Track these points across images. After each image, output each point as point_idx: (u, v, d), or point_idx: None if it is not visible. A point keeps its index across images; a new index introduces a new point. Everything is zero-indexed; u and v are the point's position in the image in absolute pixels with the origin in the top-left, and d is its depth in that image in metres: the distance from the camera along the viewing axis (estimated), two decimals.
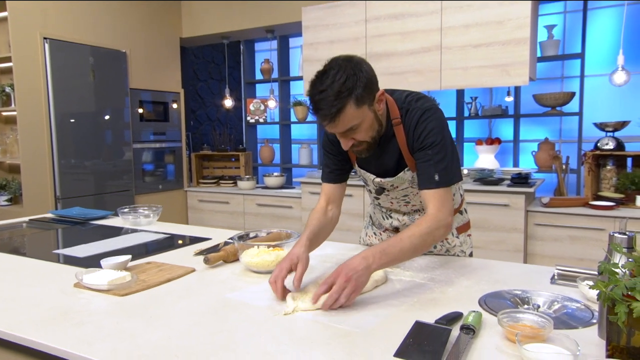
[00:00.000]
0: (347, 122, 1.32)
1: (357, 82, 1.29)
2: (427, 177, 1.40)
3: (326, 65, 1.34)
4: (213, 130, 6.00)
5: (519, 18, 3.20)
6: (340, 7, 3.86)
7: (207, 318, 1.17)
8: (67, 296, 1.33)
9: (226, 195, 4.69)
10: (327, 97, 1.27)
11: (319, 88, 1.29)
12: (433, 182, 1.39)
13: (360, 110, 1.32)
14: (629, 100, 4.10)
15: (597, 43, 4.13)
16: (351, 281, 1.18)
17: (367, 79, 1.32)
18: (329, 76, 1.29)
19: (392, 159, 1.52)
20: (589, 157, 3.31)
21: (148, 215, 2.35)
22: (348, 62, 1.31)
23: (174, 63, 4.95)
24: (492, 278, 1.46)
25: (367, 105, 1.34)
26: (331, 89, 1.27)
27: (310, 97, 1.33)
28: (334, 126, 1.33)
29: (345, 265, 1.22)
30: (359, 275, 1.20)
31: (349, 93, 1.28)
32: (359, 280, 1.20)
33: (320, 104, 1.29)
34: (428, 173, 1.40)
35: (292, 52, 5.55)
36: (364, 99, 1.31)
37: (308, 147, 5.33)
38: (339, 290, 1.18)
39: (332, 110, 1.28)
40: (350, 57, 1.35)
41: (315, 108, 1.31)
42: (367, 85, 1.31)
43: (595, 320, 1.12)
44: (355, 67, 1.31)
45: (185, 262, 1.65)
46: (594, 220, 3.10)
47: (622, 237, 1.02)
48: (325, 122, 1.32)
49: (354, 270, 1.20)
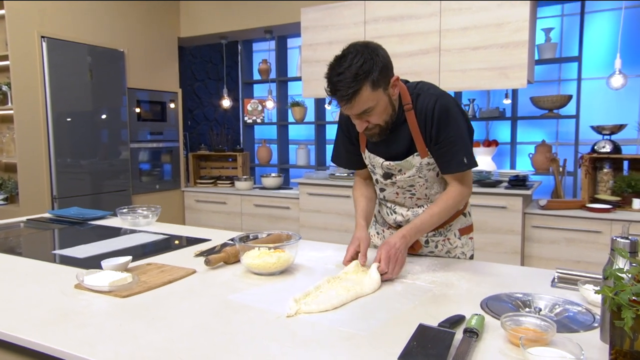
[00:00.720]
0: (362, 104, 1.38)
1: (373, 65, 1.35)
2: (457, 162, 1.51)
3: (344, 50, 1.40)
4: (210, 130, 5.98)
5: (517, 21, 3.22)
6: (338, 8, 3.87)
7: (209, 320, 1.16)
8: (67, 297, 1.32)
9: (223, 196, 4.68)
10: (344, 79, 1.34)
11: (337, 70, 1.36)
12: (463, 165, 1.51)
13: (375, 93, 1.39)
14: (626, 104, 4.12)
15: (594, 46, 4.15)
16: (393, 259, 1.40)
17: (383, 63, 1.38)
18: (347, 59, 1.36)
19: (402, 144, 1.57)
20: (586, 160, 3.33)
21: (147, 215, 2.35)
22: (365, 47, 1.38)
23: (171, 63, 4.93)
24: (492, 281, 1.46)
25: (382, 89, 1.41)
26: (349, 71, 1.34)
27: (328, 79, 1.39)
28: (350, 107, 1.40)
29: (387, 245, 1.43)
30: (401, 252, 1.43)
31: (366, 76, 1.35)
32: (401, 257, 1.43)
33: (338, 85, 1.36)
34: (457, 157, 1.50)
35: (290, 52, 5.55)
36: (379, 83, 1.38)
37: (305, 147, 5.33)
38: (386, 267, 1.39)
39: (349, 91, 1.35)
40: (368, 42, 1.42)
41: (332, 89, 1.38)
42: (383, 69, 1.38)
43: (597, 324, 1.13)
44: (372, 52, 1.37)
45: (185, 264, 1.64)
46: (591, 223, 3.12)
47: (625, 241, 1.02)
48: (342, 103, 1.39)
49: (395, 249, 1.41)
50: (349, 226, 3.87)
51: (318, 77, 4.06)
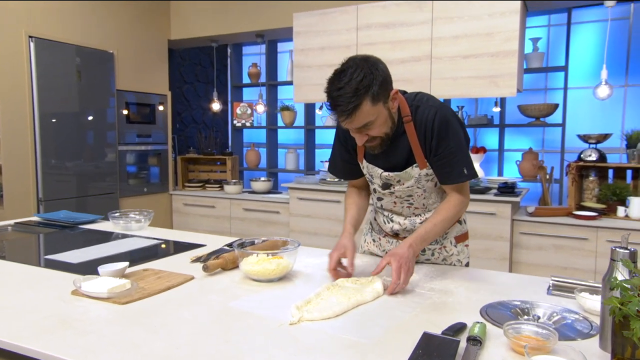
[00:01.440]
0: (363, 118, 1.39)
1: (373, 80, 1.36)
2: (457, 173, 1.53)
3: (344, 64, 1.40)
4: (199, 133, 5.95)
5: (508, 31, 3.27)
6: (331, 14, 3.89)
7: (211, 328, 1.16)
8: (65, 304, 1.30)
9: (212, 199, 4.66)
10: (345, 94, 1.34)
11: (337, 85, 1.36)
12: (463, 175, 1.53)
13: (375, 108, 1.39)
14: (610, 113, 4.22)
15: (579, 56, 4.24)
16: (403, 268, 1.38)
17: (382, 77, 1.39)
18: (346, 74, 1.35)
19: (401, 155, 1.58)
20: (572, 168, 3.39)
21: (139, 220, 2.32)
22: (365, 61, 1.38)
23: (161, 65, 4.90)
24: (490, 288, 1.48)
25: (382, 103, 1.41)
26: (349, 86, 1.34)
27: (328, 94, 1.39)
28: (351, 122, 1.40)
29: (395, 256, 1.40)
30: (410, 261, 1.42)
31: (366, 90, 1.35)
32: (411, 266, 1.42)
33: (338, 100, 1.36)
34: (457, 168, 1.52)
35: (281, 56, 5.55)
36: (379, 97, 1.38)
37: (295, 152, 5.33)
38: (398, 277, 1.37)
39: (349, 107, 1.35)
40: (367, 56, 1.42)
41: (333, 104, 1.38)
42: (382, 83, 1.38)
43: (595, 332, 1.15)
44: (372, 66, 1.38)
45: (182, 269, 1.63)
46: (578, 230, 3.18)
47: (625, 251, 1.04)
48: (343, 118, 1.39)
49: (404, 258, 1.39)
50: (340, 231, 3.87)
51: (310, 82, 4.07)
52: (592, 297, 1.30)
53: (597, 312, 1.26)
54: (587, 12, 4.24)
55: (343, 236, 1.59)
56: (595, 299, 1.28)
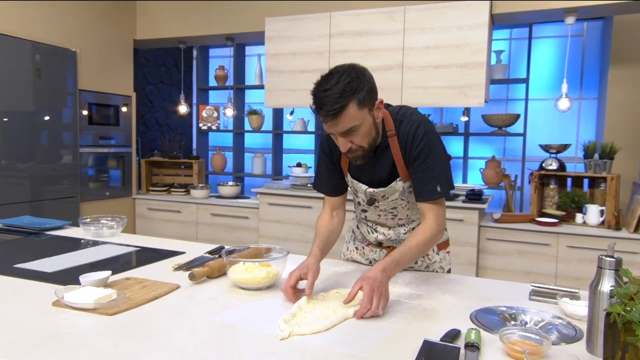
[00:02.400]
0: (348, 121, 1.37)
1: (360, 84, 1.37)
2: (429, 188, 1.49)
3: (331, 69, 1.41)
4: (162, 136, 5.81)
5: (476, 43, 3.38)
6: (304, 20, 3.90)
7: (209, 339, 1.14)
8: (47, 316, 1.24)
9: (178, 204, 4.55)
10: (331, 95, 1.34)
11: (324, 86, 1.36)
12: (436, 192, 1.50)
13: (361, 112, 1.39)
14: (566, 124, 4.44)
15: (537, 69, 4.44)
16: (376, 293, 1.28)
17: (369, 84, 1.41)
18: (334, 77, 1.37)
19: (384, 169, 1.58)
20: (535, 176, 3.54)
21: (111, 226, 2.25)
22: (352, 67, 1.40)
23: (126, 65, 4.75)
24: (474, 294, 1.52)
25: (368, 109, 1.41)
26: (336, 87, 1.34)
27: (314, 95, 1.38)
28: (335, 124, 1.38)
29: (367, 280, 1.30)
30: (384, 285, 1.32)
31: (353, 93, 1.35)
32: (385, 291, 1.32)
33: (325, 100, 1.35)
34: (429, 184, 1.49)
35: (249, 60, 5.51)
36: (365, 102, 1.39)
37: (262, 156, 5.29)
38: (369, 302, 1.27)
39: (335, 107, 1.34)
40: (354, 64, 1.44)
41: (318, 105, 1.37)
42: (369, 90, 1.40)
43: (579, 336, 1.21)
44: (359, 72, 1.40)
45: (165, 278, 1.59)
46: (540, 235, 3.32)
47: (611, 260, 1.10)
48: (328, 119, 1.38)
49: (377, 282, 1.29)
50: (310, 237, 3.87)
51: (281, 87, 4.06)
52: (573, 302, 1.36)
53: (579, 317, 1.32)
54: (546, 27, 4.45)
55: (309, 258, 1.51)
56: (577, 304, 1.35)
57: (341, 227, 1.72)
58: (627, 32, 3.87)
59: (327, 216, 1.70)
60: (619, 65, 3.88)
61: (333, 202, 1.72)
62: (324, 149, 1.68)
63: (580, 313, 1.32)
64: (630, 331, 0.92)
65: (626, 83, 3.87)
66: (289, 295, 1.38)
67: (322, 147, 1.69)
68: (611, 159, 3.37)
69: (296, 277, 1.41)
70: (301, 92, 3.95)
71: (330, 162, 1.68)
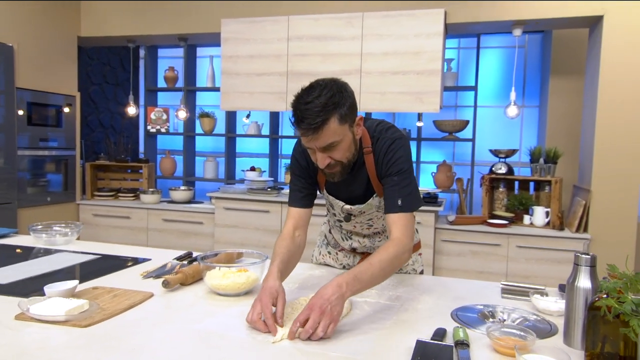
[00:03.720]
0: (329, 136, 1.33)
1: (342, 99, 1.33)
2: (393, 202, 1.45)
3: (312, 82, 1.36)
4: (106, 138, 5.55)
5: (432, 51, 3.49)
6: (262, 22, 3.86)
7: (198, 348, 1.09)
8: (13, 331, 1.14)
9: (127, 210, 4.36)
10: (312, 108, 1.30)
11: (305, 99, 1.31)
12: (397, 207, 1.44)
13: (342, 128, 1.35)
14: (510, 130, 4.68)
15: (483, 77, 4.65)
16: (326, 313, 1.14)
17: (351, 100, 1.37)
18: (315, 90, 1.32)
19: (361, 186, 1.57)
20: (486, 180, 3.69)
21: (65, 233, 2.11)
22: (334, 82, 1.36)
23: (69, 64, 4.50)
24: (450, 294, 1.56)
25: (348, 125, 1.38)
26: (318, 101, 1.30)
27: (295, 108, 1.33)
28: (316, 139, 1.34)
29: (318, 296, 1.17)
30: (334, 305, 1.16)
31: (334, 107, 1.32)
32: (334, 310, 1.16)
33: (306, 113, 1.30)
34: (393, 198, 1.45)
35: (200, 61, 5.39)
36: (346, 118, 1.35)
37: (214, 160, 5.18)
38: (314, 325, 1.13)
39: (317, 120, 1.30)
40: (335, 78, 1.39)
41: (299, 118, 1.32)
42: (350, 105, 1.36)
43: (554, 331, 1.26)
44: (341, 87, 1.36)
45: (135, 286, 1.51)
46: (491, 236, 3.46)
47: (587, 257, 1.17)
48: (309, 134, 1.33)
49: (328, 302, 1.15)
50: (268, 242, 3.84)
51: (237, 90, 4.00)
52: (545, 299, 1.43)
53: (550, 312, 1.39)
54: (491, 38, 4.68)
55: (270, 280, 1.30)
56: (548, 300, 1.42)
57: (302, 251, 1.57)
58: (565, 45, 4.13)
59: (288, 237, 1.54)
60: (558, 76, 4.14)
61: (298, 218, 1.58)
62: (299, 162, 1.59)
63: (552, 309, 1.39)
64: (611, 324, 0.98)
65: (565, 93, 4.13)
66: (262, 327, 1.17)
67: (297, 161, 1.59)
68: (555, 163, 3.59)
69: (271, 304, 1.22)
70: (259, 95, 3.91)
71: (307, 174, 1.60)
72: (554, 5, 3.35)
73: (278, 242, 1.52)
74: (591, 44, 3.61)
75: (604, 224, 3.30)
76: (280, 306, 1.23)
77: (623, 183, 3.26)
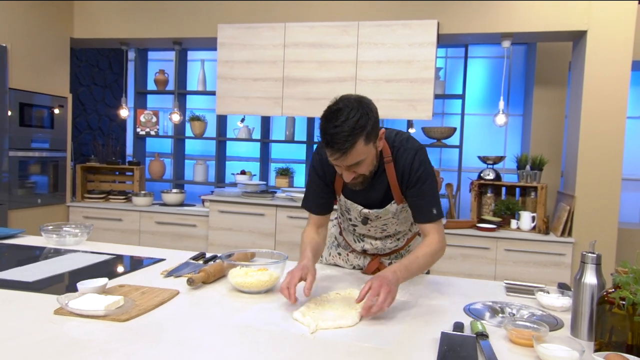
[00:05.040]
0: (356, 156, 1.43)
1: (368, 121, 1.41)
2: (428, 211, 1.59)
3: (338, 101, 1.45)
4: (94, 140, 5.52)
5: (425, 60, 3.62)
6: (258, 28, 3.93)
7: (240, 341, 1.15)
8: (57, 325, 1.19)
9: (119, 212, 4.35)
10: (341, 132, 1.38)
11: (334, 123, 1.39)
12: (433, 215, 1.59)
13: (367, 147, 1.44)
14: (496, 137, 4.84)
15: (468, 86, 4.81)
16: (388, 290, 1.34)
17: (375, 119, 1.45)
18: (343, 113, 1.39)
19: (380, 192, 1.66)
20: (475, 185, 3.83)
21: (76, 234, 2.13)
22: (359, 102, 1.44)
23: (62, 65, 4.47)
24: (459, 292, 1.66)
25: (373, 143, 1.47)
26: (346, 125, 1.38)
27: (324, 131, 1.41)
28: (344, 160, 1.43)
29: (380, 278, 1.37)
30: (393, 286, 1.37)
31: (361, 130, 1.40)
32: (393, 289, 1.37)
33: (335, 137, 1.39)
34: (428, 207, 1.59)
35: (191, 64, 5.41)
36: (371, 137, 1.44)
37: (204, 163, 5.20)
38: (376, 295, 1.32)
39: (346, 145, 1.39)
40: (360, 97, 1.47)
41: (329, 142, 1.40)
42: (374, 124, 1.45)
43: (561, 324, 1.37)
44: (366, 107, 1.43)
45: (158, 284, 1.56)
46: (481, 240, 3.59)
47: (593, 255, 1.27)
48: (337, 156, 1.42)
49: (388, 282, 1.35)
50: (262, 245, 3.89)
51: (233, 95, 4.05)
52: (549, 296, 1.54)
53: (554, 308, 1.50)
54: (478, 48, 4.84)
55: (304, 260, 1.53)
56: (552, 297, 1.52)
57: (325, 243, 1.78)
58: (549, 57, 4.32)
59: (313, 231, 1.72)
60: (542, 86, 4.32)
61: (318, 220, 1.74)
62: (317, 171, 1.70)
63: (556, 304, 1.50)
64: (618, 316, 1.09)
65: (549, 103, 4.31)
66: (289, 292, 1.38)
67: (315, 169, 1.71)
68: (540, 170, 3.75)
69: (298, 277, 1.43)
70: (255, 99, 3.97)
71: (324, 183, 1.71)
72: (542, 20, 3.52)
73: (305, 234, 1.71)
74: (575, 56, 3.79)
75: (587, 228, 3.46)
76: (309, 281, 1.43)
77: (605, 189, 3.43)
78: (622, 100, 3.39)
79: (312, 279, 1.45)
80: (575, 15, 3.45)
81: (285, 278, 1.43)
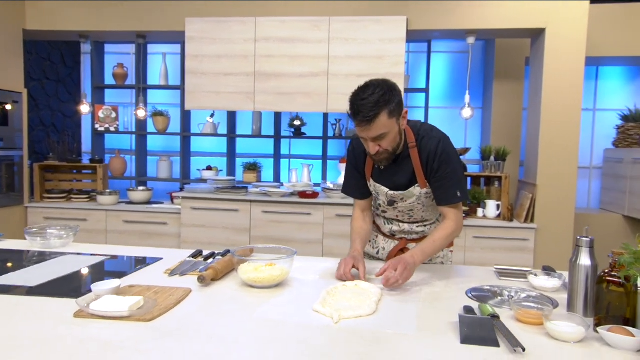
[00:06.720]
0: (379, 127, 1.60)
1: (392, 97, 1.60)
2: (452, 194, 1.76)
3: (367, 82, 1.63)
4: (48, 137, 5.26)
5: (395, 55, 3.71)
6: (228, 22, 3.88)
7: (271, 334, 1.18)
8: (81, 327, 1.17)
9: (83, 212, 4.19)
10: (367, 104, 1.57)
11: (362, 96, 1.59)
12: (456, 197, 1.76)
13: (390, 121, 1.61)
14: (456, 130, 5.04)
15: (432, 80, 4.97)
16: (405, 268, 1.56)
17: (399, 98, 1.63)
18: (369, 89, 1.60)
19: (405, 176, 1.80)
20: None
21: (61, 236, 2.06)
22: (385, 82, 1.63)
23: (14, 58, 4.24)
24: (456, 278, 1.75)
25: (396, 119, 1.63)
26: (372, 97, 1.57)
27: (352, 103, 1.61)
28: (368, 129, 1.60)
29: (398, 259, 1.59)
30: (410, 266, 1.59)
31: (385, 104, 1.58)
32: (409, 268, 1.58)
33: (361, 108, 1.57)
34: (453, 189, 1.75)
35: (151, 58, 5.26)
36: (394, 113, 1.61)
37: (168, 159, 5.09)
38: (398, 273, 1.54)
39: (370, 114, 1.57)
40: (386, 79, 1.66)
41: (355, 111, 1.59)
42: (399, 102, 1.62)
43: (556, 304, 1.48)
44: (391, 87, 1.62)
45: (166, 283, 1.55)
46: None
47: (587, 239, 1.39)
48: (363, 125, 1.59)
49: (406, 263, 1.57)
50: (237, 241, 3.87)
51: (203, 90, 3.99)
52: (539, 278, 1.66)
53: (546, 289, 1.62)
54: (439, 43, 5.01)
55: (355, 249, 1.79)
56: (541, 279, 1.64)
57: (371, 225, 2.00)
58: (507, 53, 4.53)
59: (360, 218, 1.95)
60: (501, 80, 4.53)
61: (362, 204, 1.97)
62: (351, 160, 1.92)
63: (548, 286, 1.62)
64: (615, 293, 1.21)
65: (508, 96, 4.53)
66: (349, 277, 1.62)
67: (349, 159, 1.93)
68: (504, 160, 3.95)
69: (351, 264, 1.66)
70: (226, 94, 3.93)
71: (357, 171, 1.90)
72: (504, 18, 3.69)
73: (354, 223, 1.95)
74: (534, 52, 4.01)
75: (547, 214, 3.69)
76: (361, 269, 1.65)
77: (563, 177, 3.67)
78: (578, 93, 3.63)
79: (363, 265, 1.67)
80: (535, 14, 3.65)
81: (339, 266, 1.67)
